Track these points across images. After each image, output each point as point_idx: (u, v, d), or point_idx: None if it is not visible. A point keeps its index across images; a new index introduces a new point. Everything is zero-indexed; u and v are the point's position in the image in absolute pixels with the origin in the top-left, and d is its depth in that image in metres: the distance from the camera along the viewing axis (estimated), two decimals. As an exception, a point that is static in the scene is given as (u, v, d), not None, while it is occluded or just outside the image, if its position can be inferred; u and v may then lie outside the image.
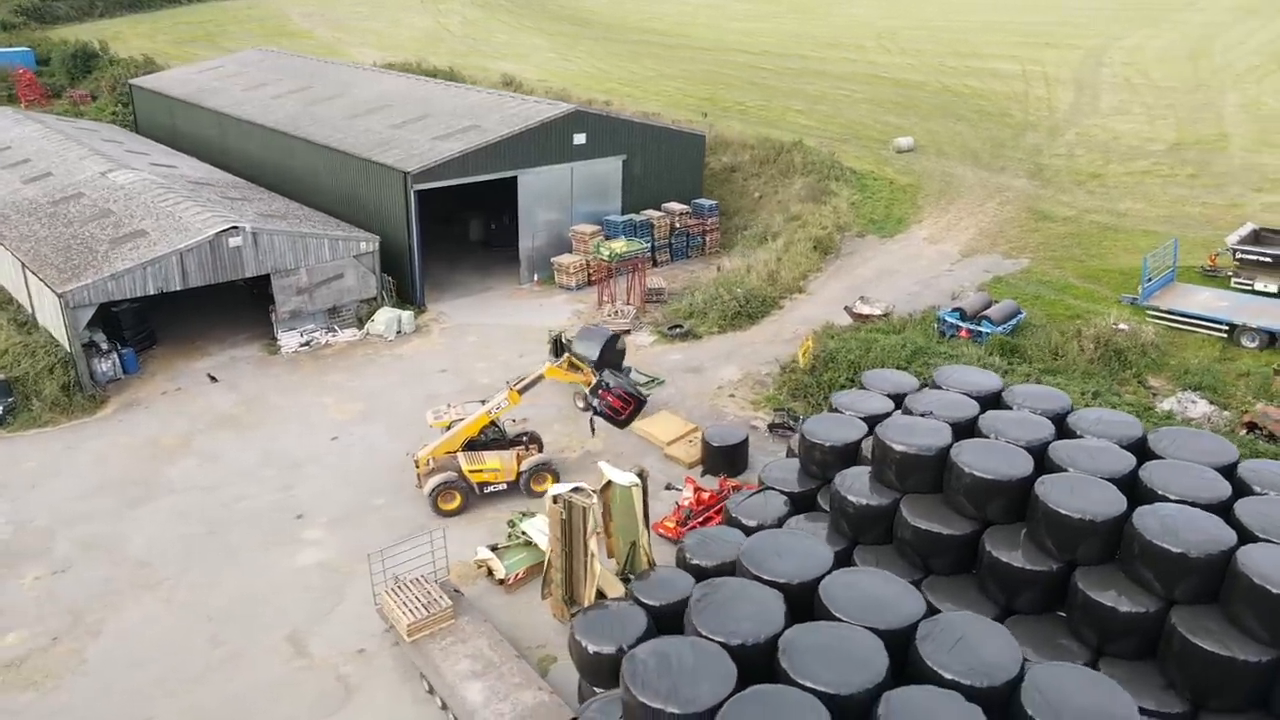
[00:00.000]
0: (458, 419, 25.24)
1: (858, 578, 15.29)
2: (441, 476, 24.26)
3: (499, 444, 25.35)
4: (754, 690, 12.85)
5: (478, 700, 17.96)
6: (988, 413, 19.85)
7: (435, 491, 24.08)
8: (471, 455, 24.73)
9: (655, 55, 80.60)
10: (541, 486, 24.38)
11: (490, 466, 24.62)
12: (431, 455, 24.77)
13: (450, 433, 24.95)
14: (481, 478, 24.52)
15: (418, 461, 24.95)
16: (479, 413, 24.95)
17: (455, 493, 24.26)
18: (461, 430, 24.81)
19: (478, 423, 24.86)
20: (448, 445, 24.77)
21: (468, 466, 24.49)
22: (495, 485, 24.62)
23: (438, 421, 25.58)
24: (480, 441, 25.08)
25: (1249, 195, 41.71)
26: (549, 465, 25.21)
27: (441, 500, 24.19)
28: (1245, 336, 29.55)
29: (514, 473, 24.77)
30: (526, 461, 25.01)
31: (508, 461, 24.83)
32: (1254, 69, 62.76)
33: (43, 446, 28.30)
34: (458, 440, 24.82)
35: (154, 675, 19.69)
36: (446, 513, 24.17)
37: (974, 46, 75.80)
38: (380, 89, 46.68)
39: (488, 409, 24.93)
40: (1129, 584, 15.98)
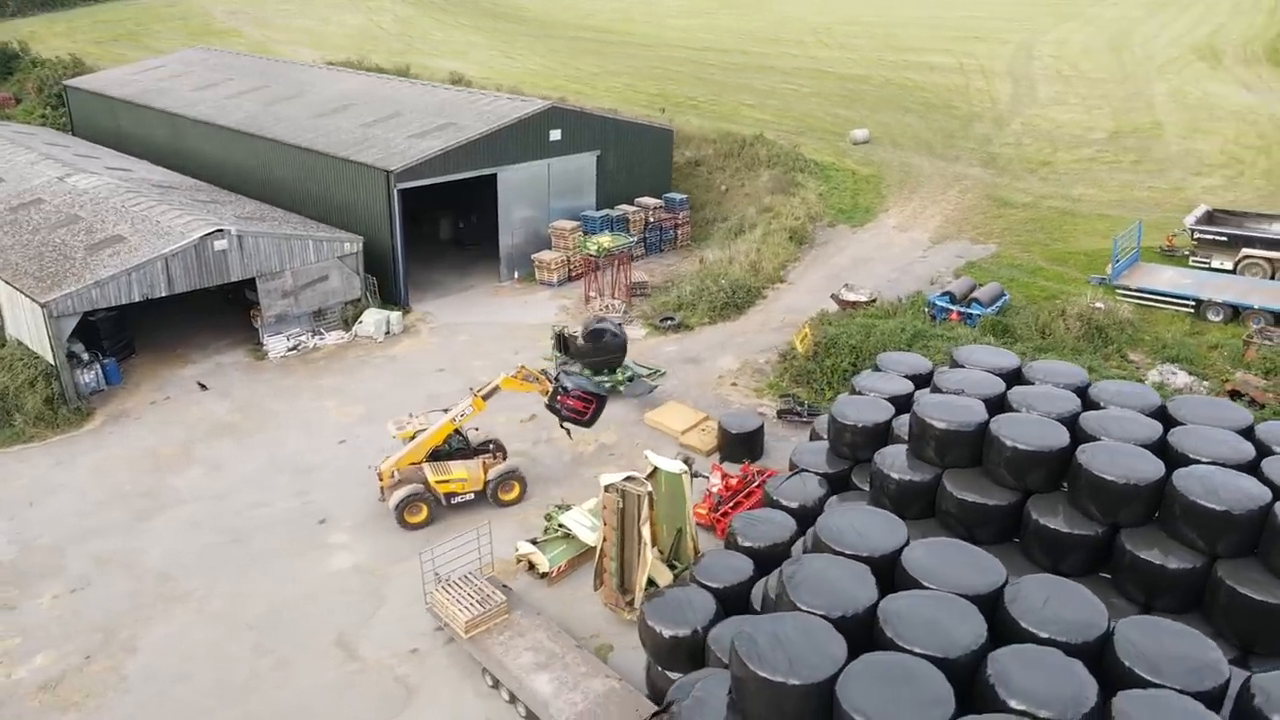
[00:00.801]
0: (421, 429, 24.63)
1: (935, 548, 15.94)
2: (407, 489, 23.65)
3: (463, 453, 24.97)
4: (868, 658, 13.36)
5: (548, 691, 18.09)
6: (1016, 388, 20.78)
7: (401, 505, 23.45)
8: (437, 466, 24.20)
9: (597, 52, 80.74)
10: (509, 495, 24.36)
11: (457, 476, 24.09)
12: (395, 467, 24.04)
13: (414, 443, 24.22)
14: (448, 488, 23.98)
15: (381, 474, 24.18)
16: (443, 422, 24.34)
17: (422, 505, 23.67)
18: (426, 440, 24.15)
19: (442, 432, 24.29)
20: (412, 456, 24.12)
21: (434, 477, 23.90)
22: (462, 495, 24.12)
23: (401, 432, 24.86)
24: (444, 451, 24.61)
25: (1190, 179, 44.13)
26: (516, 473, 24.75)
27: (408, 513, 23.55)
28: (1211, 311, 31.39)
29: (481, 482, 24.26)
30: (493, 470, 24.51)
31: (474, 470, 24.30)
32: (1173, 60, 66.16)
33: (31, 463, 27.21)
34: (422, 451, 24.19)
35: (201, 687, 19.27)
36: (412, 525, 23.56)
37: (907, 41, 77.99)
38: (341, 88, 45.85)
39: (452, 417, 24.35)
40: (1171, 543, 16.93)
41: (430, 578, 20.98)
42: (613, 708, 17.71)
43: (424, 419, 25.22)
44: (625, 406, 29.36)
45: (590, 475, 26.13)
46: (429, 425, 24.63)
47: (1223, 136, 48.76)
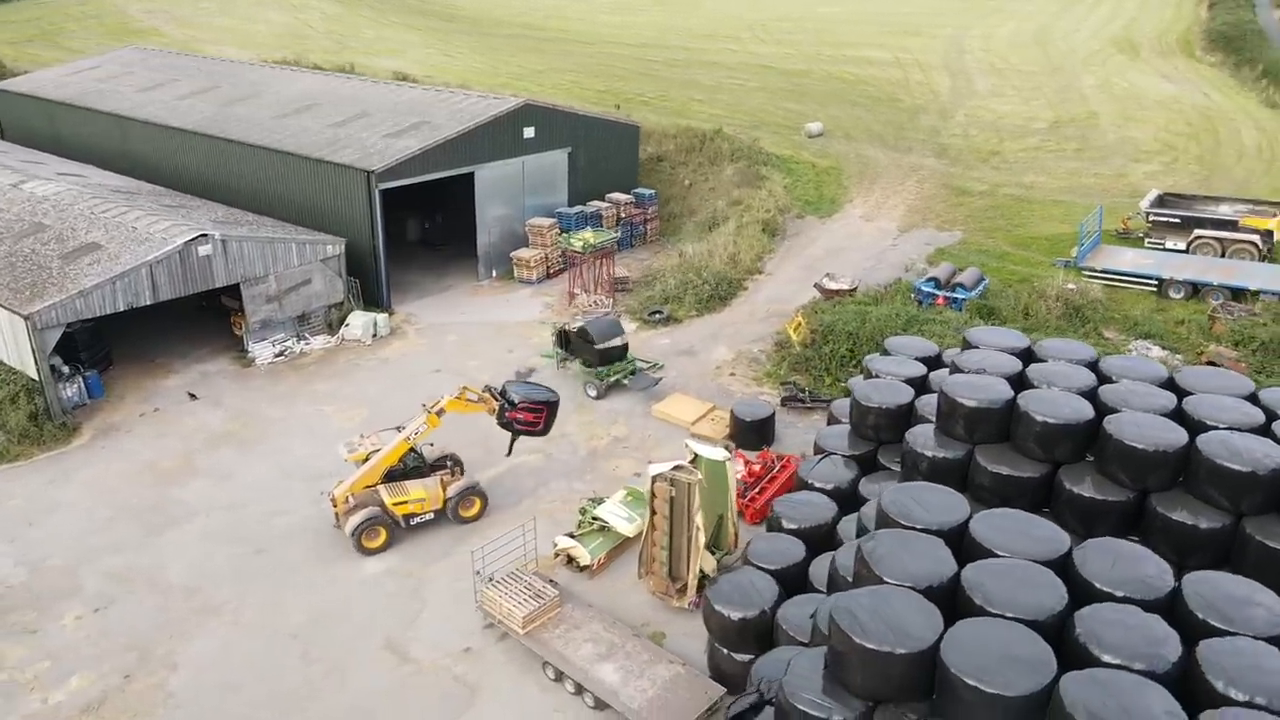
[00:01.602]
0: (374, 450, 23.73)
1: (999, 518, 16.73)
2: (364, 513, 22.74)
3: (419, 471, 24.19)
4: (965, 624, 14.03)
5: (615, 680, 18.35)
6: (1033, 365, 21.81)
7: (359, 530, 22.57)
8: (394, 486, 23.33)
9: (536, 50, 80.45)
10: (469, 512, 23.85)
11: (415, 497, 23.33)
12: (350, 491, 23.06)
13: (368, 465, 23.31)
14: (406, 509, 23.18)
15: (334, 499, 23.23)
16: (397, 440, 23.36)
17: (380, 529, 22.82)
18: (381, 461, 23.24)
19: (397, 451, 23.33)
20: (367, 479, 23.19)
21: (391, 499, 23.05)
22: (422, 516, 23.37)
23: (354, 455, 23.94)
24: (400, 471, 23.79)
25: (1130, 166, 46.49)
26: (476, 488, 24.19)
27: (366, 539, 22.68)
28: (1172, 289, 33.28)
29: (440, 500, 23.58)
30: (452, 487, 23.82)
31: (433, 489, 23.59)
32: (1096, 53, 69.30)
33: (23, 481, 26.12)
34: (377, 472, 23.27)
35: (253, 699, 18.95)
36: (371, 551, 22.79)
37: (841, 36, 79.79)
38: (299, 88, 44.85)
39: (406, 435, 23.31)
40: (1199, 504, 18.06)
41: (474, 577, 21.03)
42: (682, 691, 18.08)
43: (376, 439, 24.34)
44: (631, 400, 29.68)
45: (609, 468, 26.49)
46: (382, 445, 23.75)
47: (1154, 125, 51.42)
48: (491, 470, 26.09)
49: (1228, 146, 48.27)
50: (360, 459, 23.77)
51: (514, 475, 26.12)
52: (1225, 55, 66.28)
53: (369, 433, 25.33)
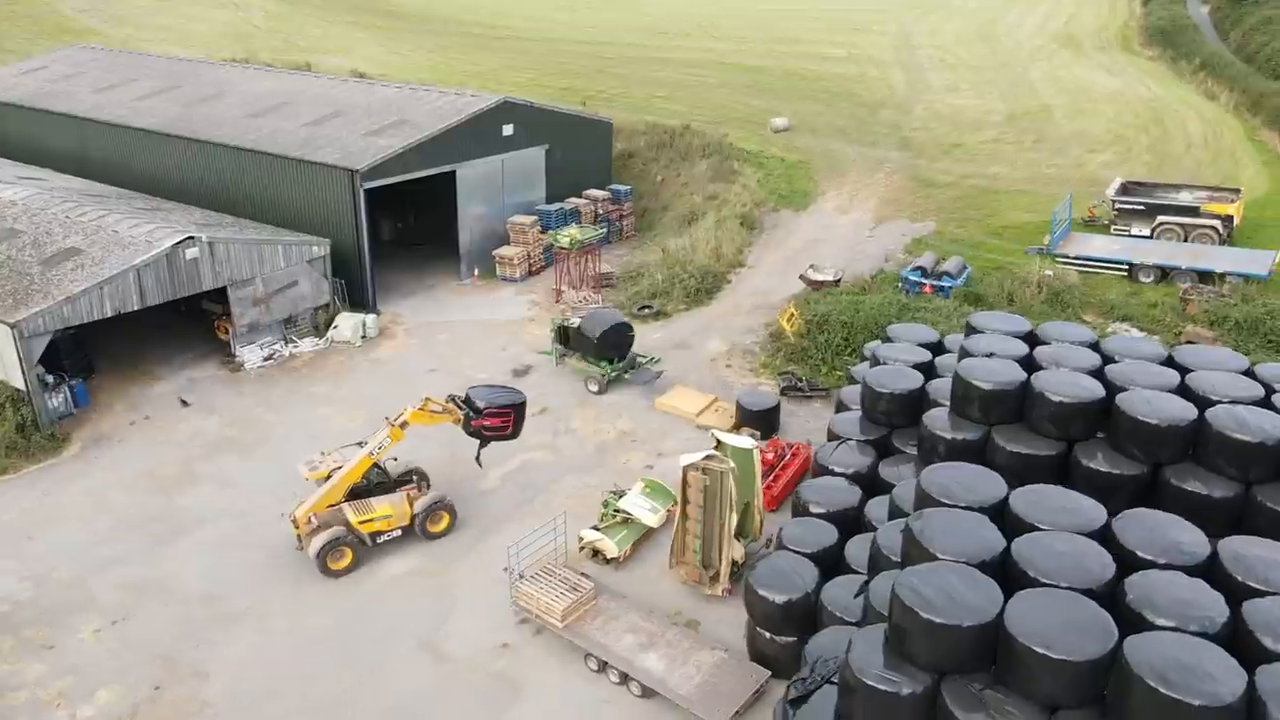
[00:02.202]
0: (336, 467, 22.87)
1: (1036, 494, 17.34)
2: (328, 534, 21.87)
3: (384, 487, 23.40)
4: (1024, 594, 14.55)
5: (660, 668, 18.57)
6: (1039, 348, 22.58)
7: (323, 552, 21.69)
8: (359, 505, 22.49)
9: (488, 48, 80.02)
10: (438, 526, 23.17)
11: (381, 514, 22.50)
12: (312, 511, 22.15)
13: (330, 483, 22.41)
14: (373, 527, 22.35)
15: (296, 521, 22.23)
16: (360, 457, 22.54)
17: (346, 550, 21.97)
18: (344, 478, 22.37)
19: (360, 468, 22.52)
20: (329, 498, 22.31)
21: (356, 518, 22.19)
22: (389, 533, 22.64)
23: (314, 473, 23.05)
24: (363, 488, 22.96)
25: (1087, 156, 48.11)
26: (443, 502, 23.44)
27: (331, 560, 21.83)
28: (1142, 273, 34.64)
29: (407, 516, 22.80)
30: (419, 502, 23.07)
31: (399, 505, 22.80)
32: (1040, 49, 71.43)
33: (15, 495, 25.30)
34: (340, 490, 22.40)
35: (293, 705, 18.73)
36: (337, 572, 21.94)
37: (789, 33, 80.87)
38: (265, 87, 43.96)
39: (369, 451, 22.53)
40: (1210, 475, 18.95)
41: (501, 573, 21.08)
42: (728, 676, 18.38)
43: (338, 456, 23.47)
44: (633, 394, 29.86)
45: (619, 462, 26.65)
46: (344, 462, 22.92)
47: (1105, 117, 53.26)
48: (500, 468, 26.06)
49: (1175, 137, 50.25)
50: (321, 477, 22.85)
51: (525, 472, 26.12)
52: (1163, 49, 68.89)
53: (329, 449, 24.27)
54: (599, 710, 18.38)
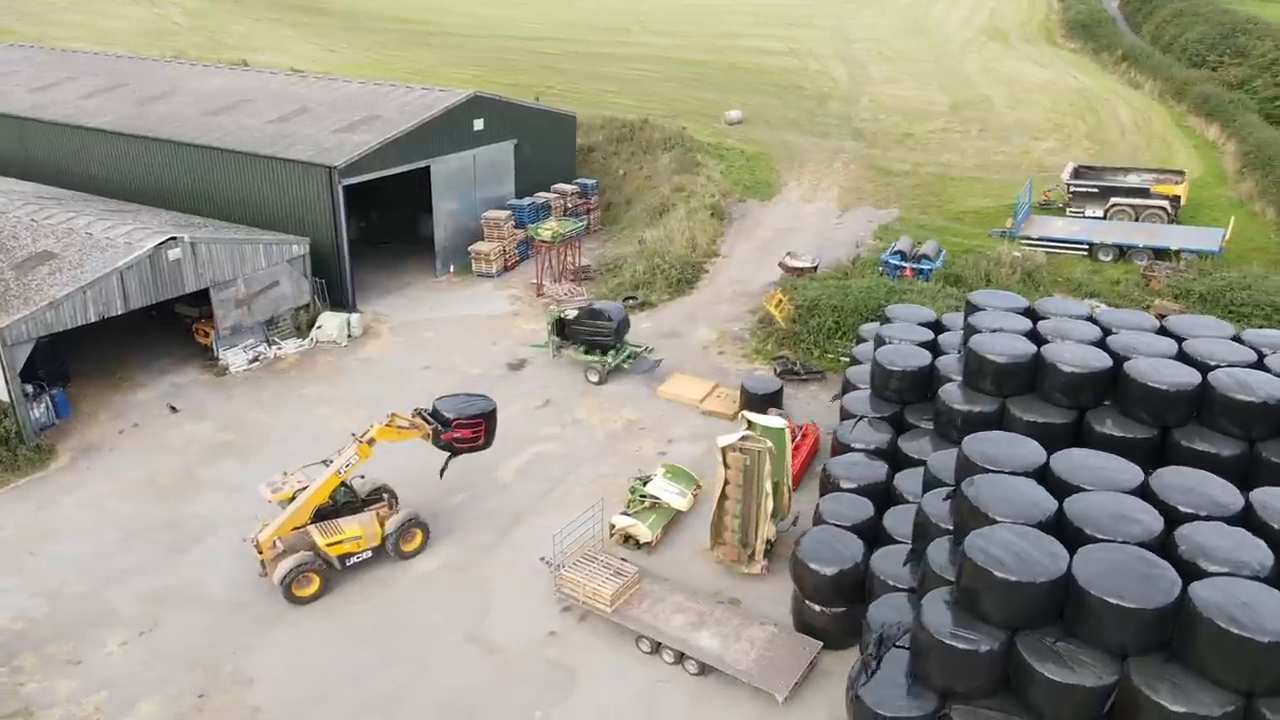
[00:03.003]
0: (301, 488, 21.54)
1: (1074, 457, 18.23)
2: (294, 559, 20.69)
3: (352, 506, 22.25)
4: (1087, 550, 15.34)
5: (715, 646, 18.89)
6: (1041, 322, 23.60)
7: (288, 578, 20.48)
8: (326, 526, 21.34)
9: (424, 44, 78.94)
10: (411, 545, 22.14)
11: (350, 535, 21.35)
12: (276, 535, 20.94)
13: (295, 504, 21.15)
14: (342, 549, 21.23)
15: (259, 546, 20.98)
16: (326, 476, 21.34)
17: (313, 575, 20.80)
18: (309, 499, 21.15)
19: (326, 488, 21.35)
20: (295, 520, 21.11)
21: (324, 540, 21.05)
22: (359, 555, 21.52)
23: (277, 495, 21.61)
24: (330, 508, 21.81)
25: (1031, 143, 50.15)
26: (416, 519, 22.39)
27: (297, 588, 20.62)
28: (1102, 252, 36.36)
29: (378, 536, 21.69)
30: (390, 521, 21.95)
31: (369, 525, 21.67)
32: (970, 41, 74.03)
33: (6, 510, 24.20)
34: (305, 511, 21.18)
35: (345, 706, 18.46)
36: (303, 600, 20.74)
37: (726, 27, 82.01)
38: (218, 84, 42.65)
39: (336, 469, 21.33)
40: (1215, 435, 20.10)
41: (536, 563, 21.22)
42: (782, 649, 18.81)
43: (302, 476, 22.08)
44: (633, 383, 30.08)
45: (631, 450, 26.85)
46: (309, 482, 21.63)
47: (1042, 106, 55.56)
48: (513, 460, 26.04)
49: (1109, 124, 52.74)
50: (285, 499, 21.49)
51: (538, 464, 26.11)
52: (1084, 42, 72.14)
53: (293, 469, 22.65)
54: (657, 690, 18.60)
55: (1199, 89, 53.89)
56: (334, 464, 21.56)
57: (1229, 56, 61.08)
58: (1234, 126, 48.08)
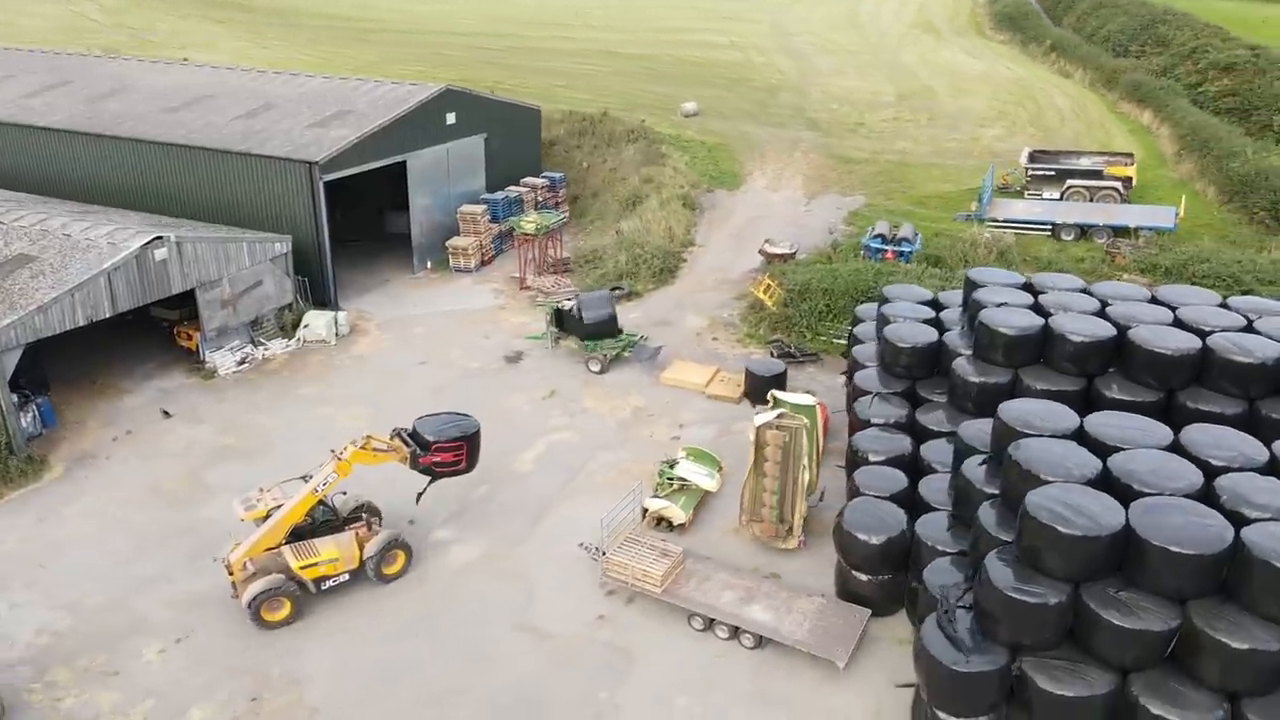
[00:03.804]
0: (276, 506, 20.56)
1: (1106, 418, 19.14)
2: (264, 582, 19.60)
3: (331, 525, 21.23)
4: (1141, 504, 16.18)
5: (769, 619, 19.28)
6: (1043, 296, 24.62)
7: (257, 601, 19.39)
8: (301, 547, 20.31)
9: (361, 41, 77.40)
10: (393, 568, 21.02)
11: (326, 557, 20.28)
12: (248, 556, 20.00)
13: (269, 524, 20.18)
14: (317, 572, 20.16)
15: (230, 567, 20.02)
16: (303, 494, 20.37)
17: (284, 600, 19.70)
18: (284, 518, 20.18)
19: (302, 506, 20.35)
20: (268, 540, 20.13)
21: (298, 563, 20.01)
22: (336, 578, 20.44)
23: (251, 513, 20.65)
24: (308, 527, 20.82)
25: (979, 131, 51.85)
26: (399, 540, 21.20)
27: (266, 611, 19.55)
28: (1064, 231, 37.95)
29: (356, 559, 20.60)
30: (371, 543, 20.82)
31: (347, 547, 20.57)
32: (904, 34, 76.03)
33: (6, 523, 23.18)
34: (280, 531, 20.18)
35: (405, 701, 18.30)
36: (273, 624, 19.69)
37: (664, 22, 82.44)
38: (173, 80, 41.23)
39: (313, 488, 20.36)
40: (1217, 396, 21.29)
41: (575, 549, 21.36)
42: (834, 618, 19.30)
43: (278, 493, 21.04)
44: (634, 371, 30.29)
45: (644, 435, 27.12)
46: (285, 500, 20.66)
47: (983, 95, 57.45)
48: (529, 452, 26.04)
49: (1049, 111, 54.86)
50: (259, 517, 20.54)
51: (554, 454, 26.11)
52: (1012, 33, 74.78)
53: (269, 485, 21.58)
54: (716, 666, 18.89)
55: (1129, 77, 56.48)
56: (311, 481, 20.50)
57: (1150, 46, 64.13)
58: (1166, 111, 50.57)
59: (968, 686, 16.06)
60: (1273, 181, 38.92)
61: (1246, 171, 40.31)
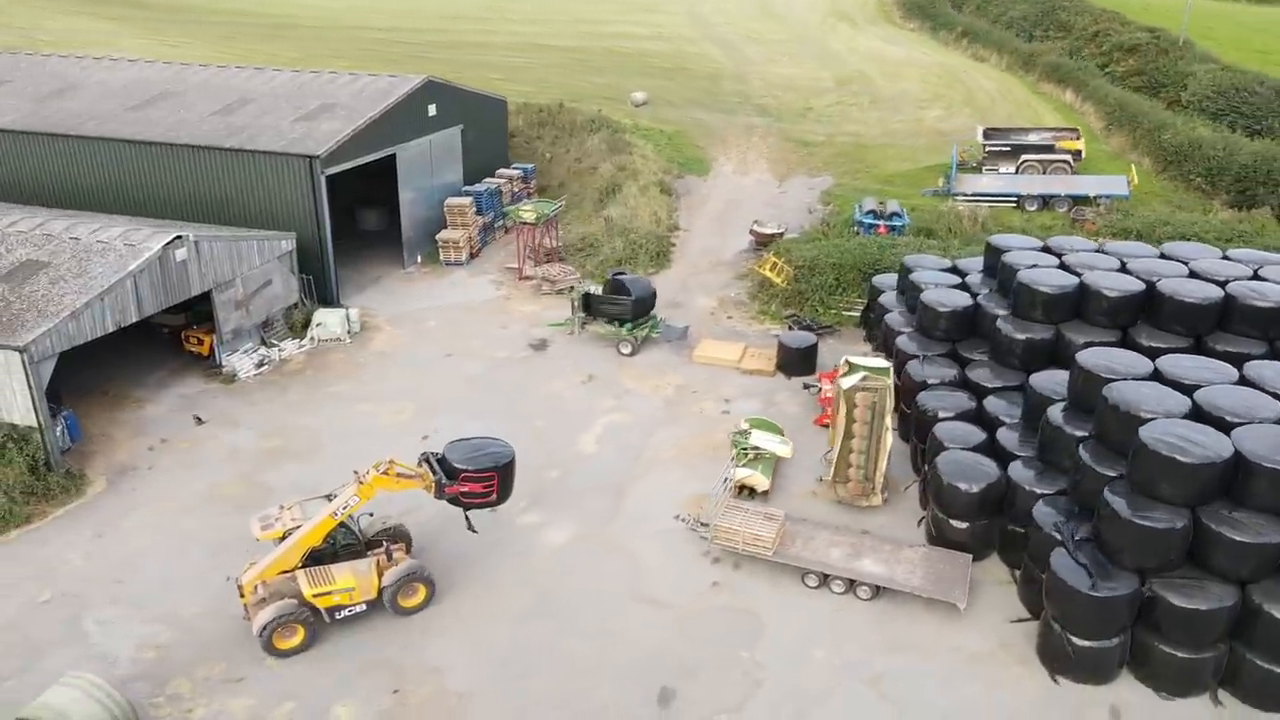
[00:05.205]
0: (294, 526, 19.44)
1: (1176, 360, 20.77)
2: (275, 608, 18.54)
3: (352, 549, 20.03)
4: (1241, 431, 17.77)
5: (882, 571, 20.17)
6: (1066, 257, 26.38)
7: (268, 629, 18.37)
8: (316, 573, 19.18)
9: (276, 37, 74.62)
10: (411, 601, 19.72)
11: (341, 586, 19.12)
12: (260, 579, 19.01)
13: (285, 545, 19.13)
14: (330, 601, 19.03)
15: (242, 589, 19.10)
16: (321, 517, 19.17)
17: (297, 627, 18.66)
18: (300, 541, 19.06)
19: (320, 530, 19.20)
20: (282, 563, 19.06)
21: (311, 590, 18.86)
22: (351, 608, 19.24)
23: (268, 533, 19.51)
24: (328, 551, 19.69)
25: (920, 112, 54.27)
26: (420, 573, 19.80)
27: (278, 639, 18.51)
28: (1028, 202, 40.34)
29: (374, 589, 19.38)
30: (390, 573, 19.52)
31: (364, 575, 19.42)
32: (820, 23, 78.50)
33: (63, 541, 21.94)
34: (296, 554, 19.09)
35: (551, 678, 18.40)
36: (285, 652, 18.60)
37: (583, 14, 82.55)
38: (127, 77, 39.01)
39: (332, 510, 19.17)
40: (1240, 339, 23.33)
41: (671, 522, 21.82)
42: (940, 565, 20.35)
43: (298, 512, 19.85)
44: (663, 351, 30.76)
45: (696, 410, 27.63)
46: (305, 519, 19.50)
47: (914, 79, 60.06)
48: (588, 434, 26.23)
49: (978, 93, 57.84)
50: (276, 538, 19.43)
51: (612, 435, 26.34)
52: (921, 21, 78.21)
53: (290, 503, 20.31)
54: (839, 619, 19.65)
55: (1046, 59, 60.09)
56: (331, 504, 19.41)
57: (1053, 31, 68.34)
58: (1088, 90, 54.13)
59: (1105, 611, 17.34)
60: (1205, 150, 42.35)
61: (1179, 142, 43.71)
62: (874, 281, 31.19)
